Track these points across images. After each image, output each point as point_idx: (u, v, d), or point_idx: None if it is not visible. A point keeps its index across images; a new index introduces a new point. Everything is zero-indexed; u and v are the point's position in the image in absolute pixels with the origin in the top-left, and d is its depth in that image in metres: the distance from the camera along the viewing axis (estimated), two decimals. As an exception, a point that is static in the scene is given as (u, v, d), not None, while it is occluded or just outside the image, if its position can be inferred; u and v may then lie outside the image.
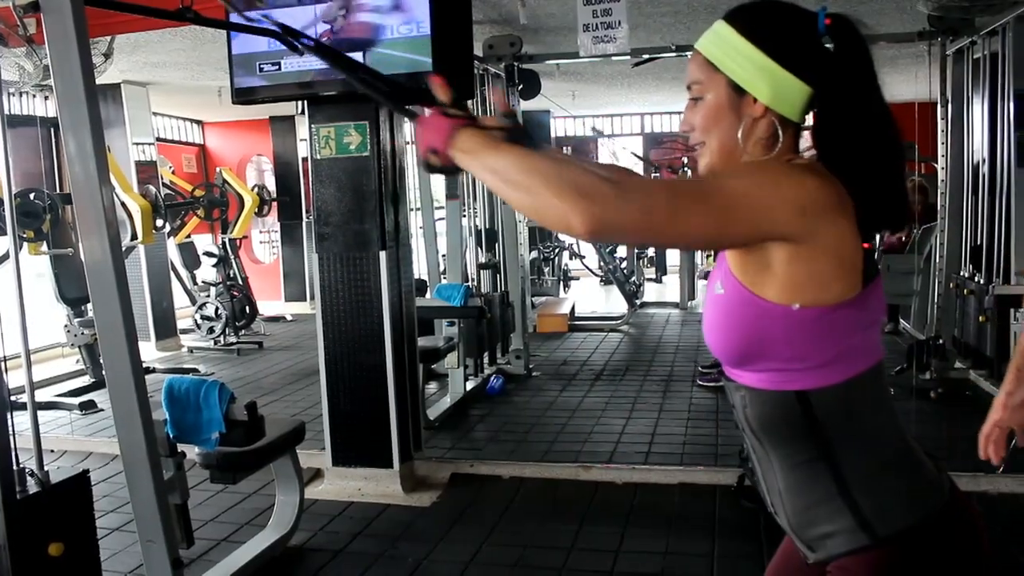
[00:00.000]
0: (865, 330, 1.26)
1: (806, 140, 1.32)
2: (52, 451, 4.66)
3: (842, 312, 1.22)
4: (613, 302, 9.72)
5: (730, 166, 1.31)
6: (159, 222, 6.94)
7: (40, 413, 2.76)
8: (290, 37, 1.63)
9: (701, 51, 1.32)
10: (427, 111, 1.29)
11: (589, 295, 10.76)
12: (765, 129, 1.28)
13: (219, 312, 7.73)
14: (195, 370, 6.69)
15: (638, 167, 12.30)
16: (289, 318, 9.60)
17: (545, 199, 1.10)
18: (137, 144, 7.67)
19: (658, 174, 9.55)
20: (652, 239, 1.24)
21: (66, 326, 6.05)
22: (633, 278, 9.47)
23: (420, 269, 6.32)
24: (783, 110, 1.27)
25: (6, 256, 4.41)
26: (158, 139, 8.52)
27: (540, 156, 1.15)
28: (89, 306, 5.88)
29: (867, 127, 1.25)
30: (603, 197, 1.09)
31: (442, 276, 6.77)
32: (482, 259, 6.60)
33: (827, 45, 1.27)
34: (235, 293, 7.84)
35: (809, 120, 1.31)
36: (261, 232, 11.01)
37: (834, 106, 1.26)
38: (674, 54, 5.94)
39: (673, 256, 11.31)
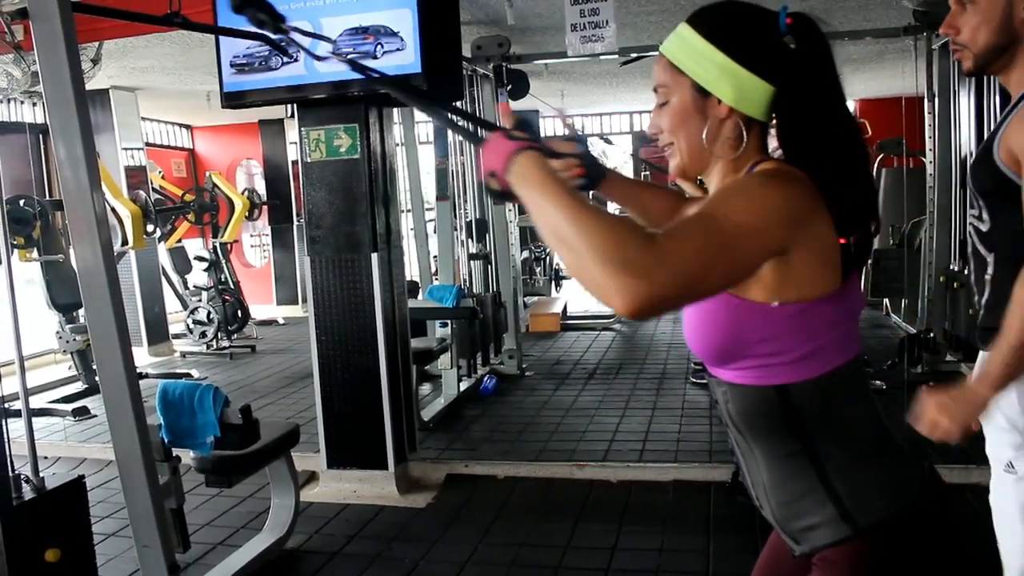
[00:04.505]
0: (843, 324, 1.27)
1: (774, 139, 1.34)
2: (46, 457, 4.65)
3: (820, 307, 1.23)
4: (605, 301, 9.73)
5: (723, 184, 1.32)
6: (149, 227, 6.93)
7: (33, 420, 2.75)
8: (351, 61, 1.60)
9: (665, 54, 1.33)
10: (491, 134, 1.26)
11: (581, 294, 10.76)
12: (731, 130, 1.30)
13: (211, 316, 7.72)
14: (188, 375, 6.67)
15: (628, 166, 12.32)
16: (281, 321, 9.60)
17: (589, 270, 1.06)
18: (126, 149, 7.65)
19: (647, 173, 9.59)
20: (686, 303, 1.20)
21: (58, 332, 6.04)
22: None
23: (412, 271, 6.32)
24: (748, 110, 1.28)
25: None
26: (147, 144, 8.51)
27: (591, 212, 1.08)
28: (80, 312, 5.88)
29: (830, 124, 1.27)
30: (645, 270, 1.03)
31: (434, 277, 6.77)
32: (473, 249, 6.60)
33: (790, 45, 1.28)
34: (227, 297, 7.84)
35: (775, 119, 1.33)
36: (252, 236, 10.99)
37: (797, 104, 1.27)
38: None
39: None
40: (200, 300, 7.88)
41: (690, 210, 1.44)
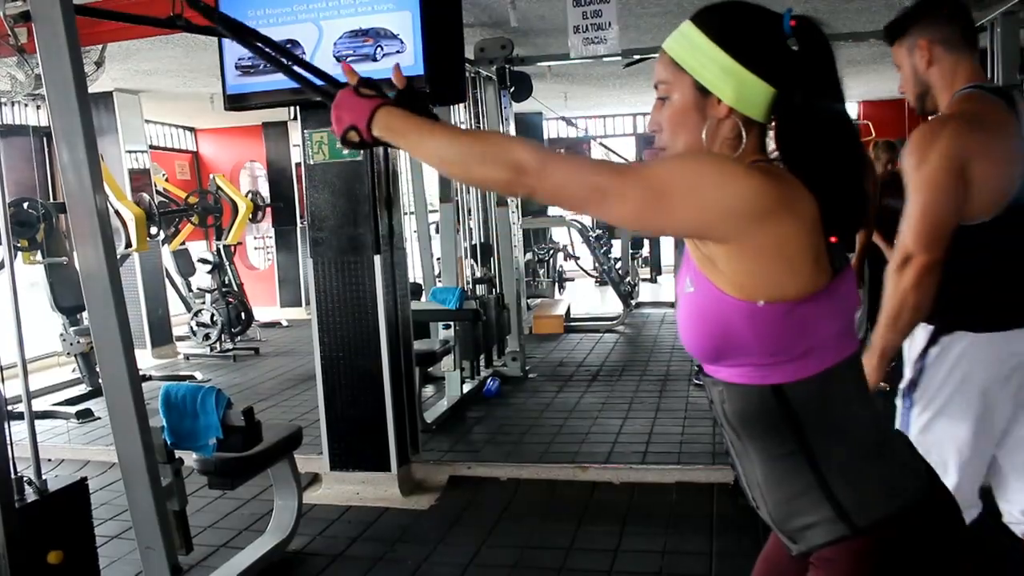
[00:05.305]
0: (836, 322, 1.27)
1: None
2: (49, 460, 4.66)
3: (809, 306, 1.22)
4: (608, 303, 9.74)
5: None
6: (153, 229, 6.93)
7: (37, 422, 2.76)
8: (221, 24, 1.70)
9: (668, 51, 1.33)
10: (340, 92, 1.42)
11: (584, 296, 10.77)
12: (730, 130, 1.30)
13: (215, 319, 7.73)
14: (192, 377, 6.68)
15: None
16: (285, 324, 9.60)
17: (484, 174, 1.27)
18: (130, 152, 7.66)
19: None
20: (575, 210, 1.36)
21: (62, 335, 6.04)
22: (628, 278, 9.49)
23: (415, 273, 6.32)
24: (747, 111, 1.28)
25: (0, 266, 4.42)
26: (151, 146, 8.52)
27: (467, 134, 1.33)
28: (85, 315, 5.89)
29: (828, 128, 1.26)
30: (532, 170, 1.23)
31: (437, 279, 6.77)
32: (478, 273, 6.60)
33: (792, 47, 1.28)
34: (230, 299, 7.85)
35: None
36: (256, 238, 11.00)
37: (796, 107, 1.27)
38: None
39: (668, 256, 11.33)
40: (204, 302, 7.88)
41: None
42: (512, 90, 6.38)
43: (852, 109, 10.78)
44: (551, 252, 10.63)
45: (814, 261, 1.23)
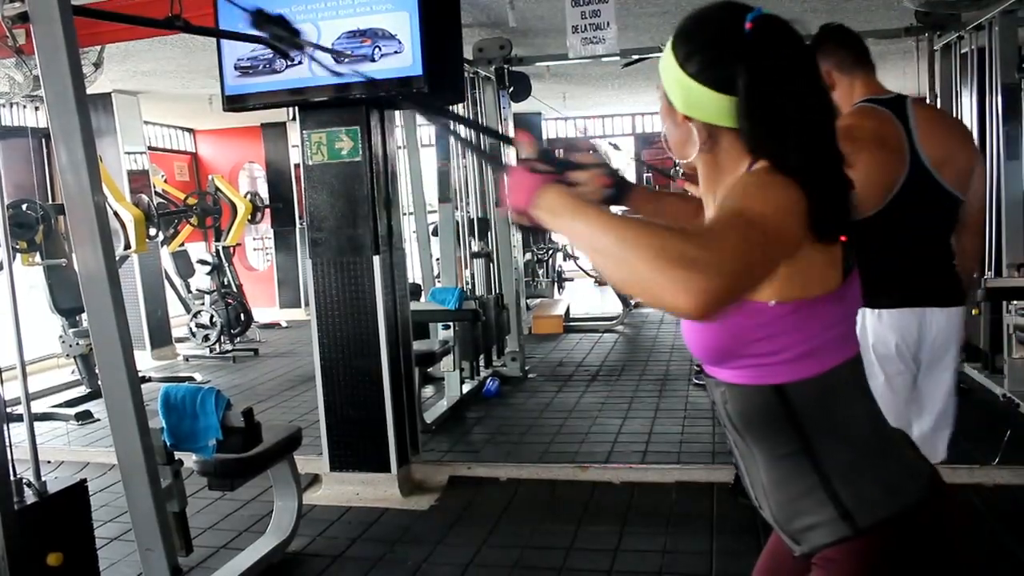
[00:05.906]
0: (842, 323, 1.27)
1: None
2: (49, 462, 4.66)
3: (818, 306, 1.22)
4: (608, 303, 9.73)
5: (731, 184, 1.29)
6: (152, 231, 6.92)
7: (36, 424, 2.76)
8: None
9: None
10: (513, 163, 1.32)
11: (584, 296, 10.76)
12: (696, 134, 1.29)
13: (214, 320, 7.73)
14: (191, 378, 6.67)
15: (630, 168, 12.31)
16: (284, 325, 9.60)
17: (645, 277, 1.03)
18: (129, 153, 7.66)
19: (649, 175, 9.57)
20: (743, 294, 1.11)
21: (61, 337, 6.04)
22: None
23: (414, 273, 6.32)
24: (703, 118, 1.27)
25: (-1, 267, 4.42)
26: (150, 148, 8.51)
27: (630, 222, 1.09)
28: (84, 316, 5.89)
29: (794, 131, 1.20)
30: (705, 264, 1.01)
31: (436, 280, 6.77)
32: (475, 248, 6.59)
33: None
34: (230, 301, 7.85)
35: None
36: (255, 239, 10.99)
37: (754, 113, 1.21)
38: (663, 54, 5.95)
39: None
40: (203, 304, 7.88)
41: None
42: (511, 90, 6.38)
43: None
44: (550, 252, 10.62)
45: (838, 258, 1.24)
